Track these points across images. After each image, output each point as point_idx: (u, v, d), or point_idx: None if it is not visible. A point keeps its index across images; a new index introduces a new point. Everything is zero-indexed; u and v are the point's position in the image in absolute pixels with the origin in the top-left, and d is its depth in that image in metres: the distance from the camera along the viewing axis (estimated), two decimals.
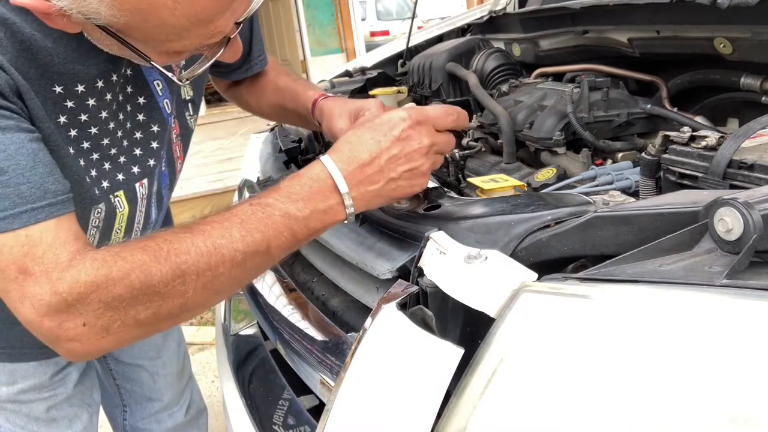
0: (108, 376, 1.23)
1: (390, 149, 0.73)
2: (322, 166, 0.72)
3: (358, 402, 0.66)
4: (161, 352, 1.23)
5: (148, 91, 0.86)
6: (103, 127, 0.79)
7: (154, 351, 1.22)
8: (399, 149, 0.73)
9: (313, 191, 0.70)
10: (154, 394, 1.24)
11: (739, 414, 0.45)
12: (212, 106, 7.62)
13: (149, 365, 1.21)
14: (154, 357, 1.22)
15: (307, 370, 0.89)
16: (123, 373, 1.22)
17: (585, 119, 1.12)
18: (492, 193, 0.93)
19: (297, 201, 0.70)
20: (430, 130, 0.75)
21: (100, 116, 0.78)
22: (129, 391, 1.24)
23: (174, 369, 1.27)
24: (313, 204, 0.70)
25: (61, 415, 1.03)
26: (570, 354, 0.54)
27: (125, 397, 1.25)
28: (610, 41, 1.32)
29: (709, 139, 0.81)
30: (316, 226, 0.72)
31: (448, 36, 1.91)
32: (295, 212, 0.69)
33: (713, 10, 0.98)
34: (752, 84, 1.07)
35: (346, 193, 0.71)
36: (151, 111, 0.87)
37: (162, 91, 0.88)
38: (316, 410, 0.92)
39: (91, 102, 0.76)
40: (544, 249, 0.66)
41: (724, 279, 0.50)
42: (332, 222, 0.72)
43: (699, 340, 0.49)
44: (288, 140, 1.34)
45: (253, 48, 1.07)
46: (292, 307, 0.99)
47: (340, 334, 0.86)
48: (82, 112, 0.76)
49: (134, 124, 0.85)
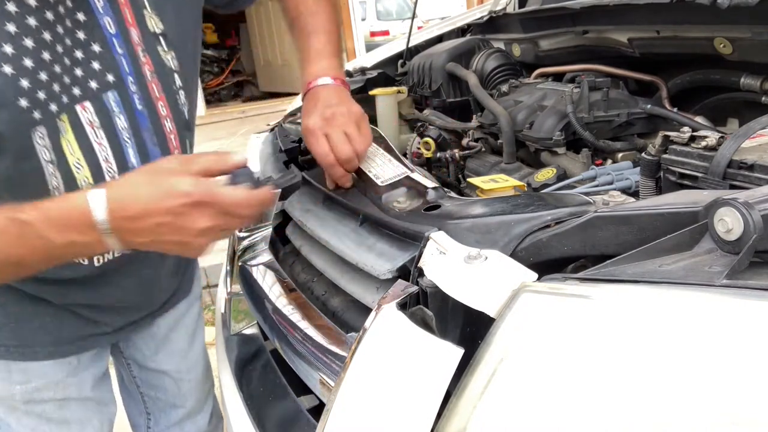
0: (132, 383, 1.21)
1: (162, 215, 0.70)
2: (86, 199, 0.70)
3: (358, 402, 0.66)
4: (187, 355, 1.21)
5: (86, 6, 0.82)
6: (38, 38, 0.76)
7: (179, 356, 1.20)
8: (170, 219, 0.70)
9: (72, 221, 0.69)
10: (178, 400, 1.22)
11: (740, 414, 0.45)
12: (212, 106, 7.62)
13: (173, 371, 1.20)
14: (179, 362, 1.20)
15: (307, 370, 0.89)
16: (147, 380, 1.21)
17: (585, 119, 1.12)
18: (492, 193, 0.93)
19: (54, 227, 0.69)
20: (213, 212, 0.71)
21: (34, 30, 0.75)
22: (153, 399, 1.22)
23: (198, 374, 1.25)
24: (70, 236, 0.69)
25: (74, 417, 1.02)
26: (570, 354, 0.54)
27: (149, 404, 1.23)
28: (610, 41, 1.32)
29: (709, 139, 0.81)
30: (75, 252, 0.75)
31: (448, 36, 1.91)
32: (52, 238, 0.69)
33: (713, 10, 0.98)
34: (752, 84, 1.07)
35: (106, 232, 0.70)
36: (92, 29, 0.83)
37: (103, 8, 0.83)
38: (316, 410, 0.92)
39: (31, 21, 0.75)
40: (544, 249, 0.66)
41: (724, 279, 0.50)
42: (92, 252, 0.77)
43: (699, 340, 0.49)
44: (288, 140, 1.34)
45: None
46: (292, 307, 0.99)
47: (340, 334, 0.86)
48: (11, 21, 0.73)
49: (74, 42, 0.81)
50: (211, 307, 2.81)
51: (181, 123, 0.93)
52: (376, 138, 1.04)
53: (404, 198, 0.88)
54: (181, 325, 1.18)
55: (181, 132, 0.94)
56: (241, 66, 8.98)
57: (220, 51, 8.82)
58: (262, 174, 1.33)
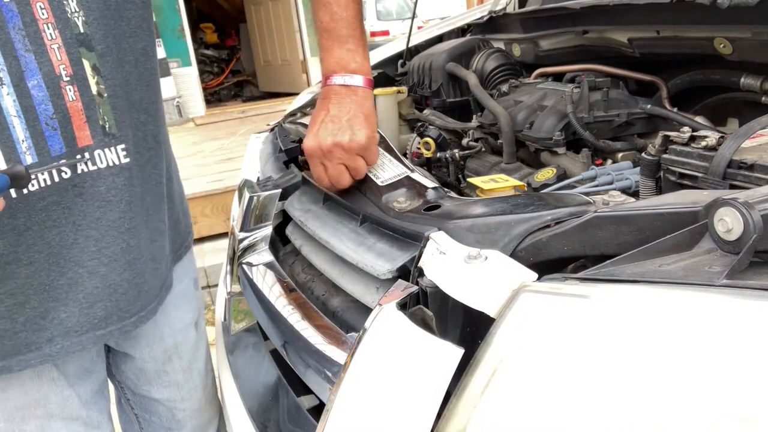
0: (127, 404, 1.16)
1: None
2: None
3: (358, 402, 0.66)
4: (183, 387, 1.13)
5: None
6: None
7: (174, 386, 1.12)
8: None
9: None
10: (173, 425, 1.16)
11: (739, 414, 0.45)
12: (212, 106, 7.61)
13: (165, 400, 1.12)
14: (172, 392, 1.12)
15: (307, 370, 0.89)
16: (140, 404, 1.15)
17: (585, 119, 1.12)
18: (492, 193, 0.93)
19: None
20: None
21: None
22: (148, 421, 1.16)
23: (194, 404, 1.16)
24: None
25: None
26: (570, 354, 0.54)
27: (144, 426, 1.17)
28: (610, 41, 1.32)
29: (709, 139, 0.81)
30: None
31: (448, 36, 1.91)
32: None
33: (713, 10, 0.98)
34: (752, 84, 1.07)
35: None
36: None
37: None
38: (316, 410, 0.92)
39: None
40: (544, 249, 0.66)
41: (724, 279, 0.50)
42: None
43: (699, 340, 0.49)
44: (288, 140, 1.34)
45: None
46: (292, 307, 0.99)
47: (340, 334, 0.86)
48: None
49: None
50: (212, 307, 2.82)
51: (70, 35, 0.77)
52: None
53: (404, 198, 0.88)
54: (175, 357, 1.09)
55: (72, 46, 0.77)
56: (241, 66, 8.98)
57: (220, 51, 8.83)
58: (262, 174, 1.33)
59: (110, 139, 0.82)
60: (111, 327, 0.88)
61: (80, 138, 0.79)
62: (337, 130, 0.92)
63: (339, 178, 0.94)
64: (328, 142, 0.92)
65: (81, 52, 0.78)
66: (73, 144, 0.78)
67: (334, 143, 0.91)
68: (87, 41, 0.79)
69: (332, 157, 0.93)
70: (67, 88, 0.77)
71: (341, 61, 0.94)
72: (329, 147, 0.92)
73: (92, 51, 0.80)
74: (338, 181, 0.94)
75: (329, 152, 0.92)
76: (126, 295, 0.88)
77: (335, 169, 0.94)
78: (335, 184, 0.95)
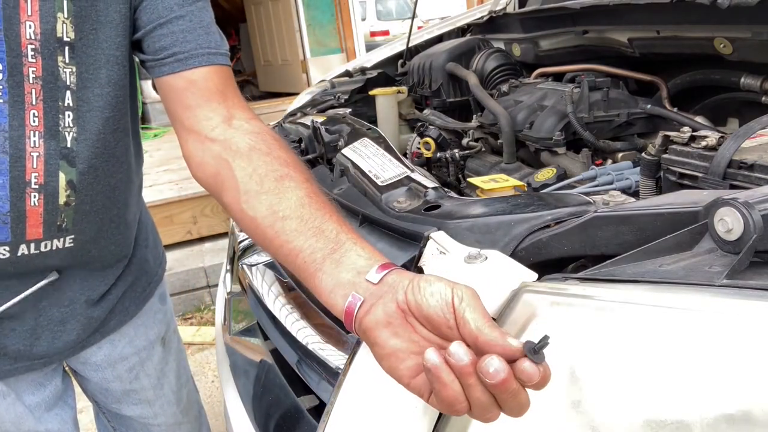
0: (104, 416, 1.15)
1: None
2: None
3: (358, 402, 0.66)
4: (154, 403, 1.12)
5: None
6: None
7: (144, 404, 1.10)
8: None
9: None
10: None
11: (739, 414, 0.45)
12: None
13: (137, 416, 1.11)
14: (143, 409, 1.11)
15: (307, 370, 0.89)
16: (114, 418, 1.14)
17: (585, 119, 1.12)
18: (492, 193, 0.93)
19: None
20: None
21: None
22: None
23: (169, 419, 1.14)
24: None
25: None
26: (570, 354, 0.54)
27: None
28: (610, 41, 1.32)
29: (709, 139, 0.81)
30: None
31: (448, 36, 1.91)
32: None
33: (713, 10, 0.98)
34: (752, 84, 1.07)
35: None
36: None
37: None
38: (316, 410, 0.92)
39: None
40: (544, 249, 0.66)
41: (724, 279, 0.50)
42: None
43: (699, 340, 0.49)
44: (288, 140, 1.34)
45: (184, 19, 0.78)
46: (291, 307, 0.99)
47: (340, 334, 0.86)
48: None
49: None
50: (211, 307, 2.82)
51: (55, 147, 0.77)
52: (376, 138, 1.04)
53: (404, 198, 0.88)
54: (142, 375, 1.07)
55: (53, 158, 0.77)
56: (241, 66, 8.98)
57: None
58: None
59: (62, 233, 0.82)
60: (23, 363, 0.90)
61: (30, 233, 0.78)
62: None
63: None
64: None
65: (60, 164, 0.78)
66: (21, 236, 0.78)
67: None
68: (71, 157, 0.79)
69: None
70: (32, 195, 0.77)
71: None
72: None
73: (73, 167, 0.79)
74: None
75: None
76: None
77: None
78: None
